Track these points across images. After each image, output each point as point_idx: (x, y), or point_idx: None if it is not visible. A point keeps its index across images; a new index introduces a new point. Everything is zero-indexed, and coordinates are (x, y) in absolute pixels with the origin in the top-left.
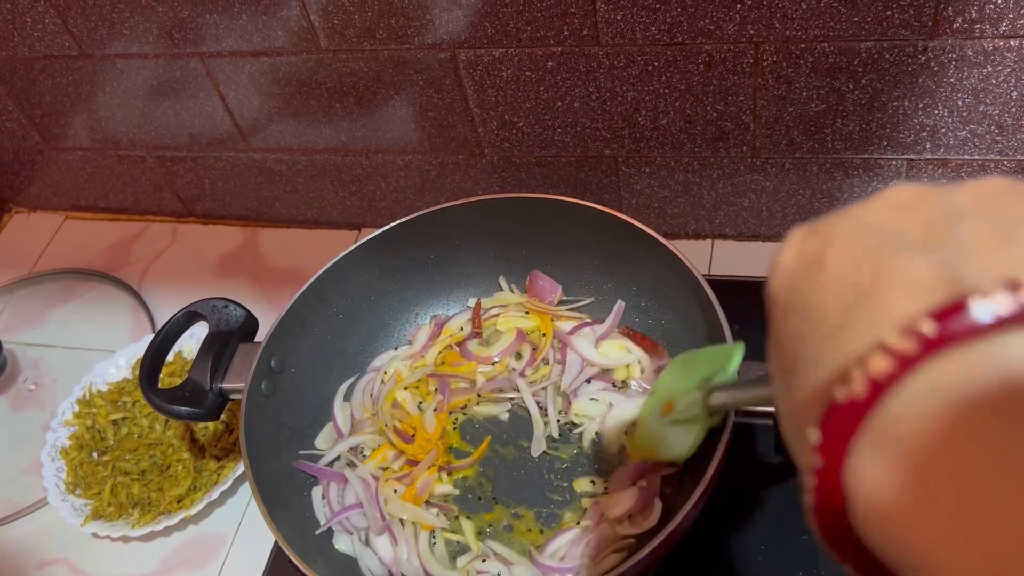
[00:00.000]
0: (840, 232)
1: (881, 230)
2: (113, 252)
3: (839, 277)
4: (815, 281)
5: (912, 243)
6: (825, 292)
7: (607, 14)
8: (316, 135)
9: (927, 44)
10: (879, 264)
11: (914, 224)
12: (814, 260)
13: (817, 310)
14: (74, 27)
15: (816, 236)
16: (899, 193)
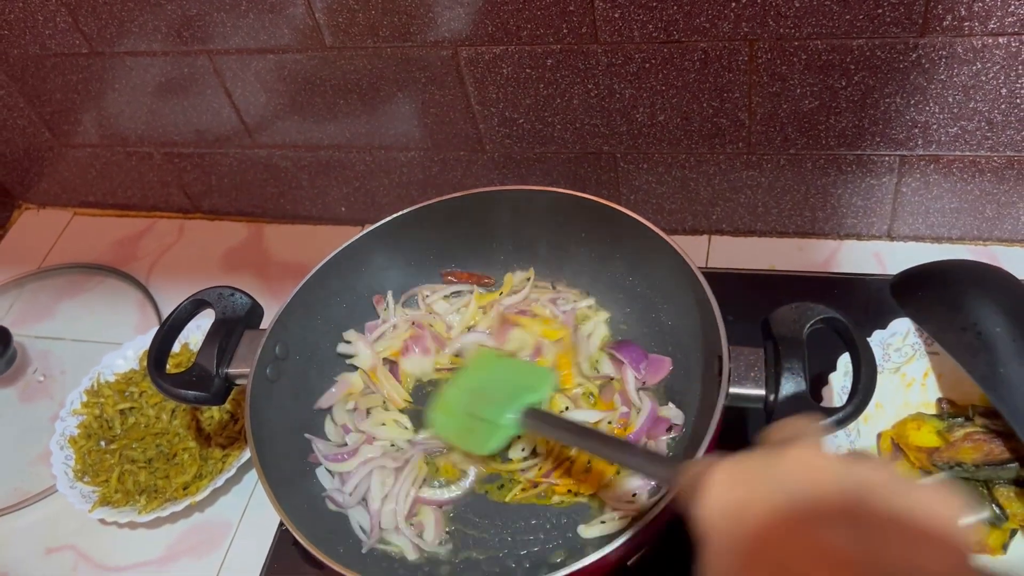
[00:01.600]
0: (761, 490)
1: (795, 492)
2: (121, 247)
3: (766, 551)
4: (744, 538)
5: (823, 513)
6: (756, 566)
7: (605, 12)
8: (320, 132)
9: (918, 42)
10: (801, 543)
11: (820, 489)
12: (740, 514)
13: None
14: (85, 25)
15: (738, 485)
16: (804, 455)
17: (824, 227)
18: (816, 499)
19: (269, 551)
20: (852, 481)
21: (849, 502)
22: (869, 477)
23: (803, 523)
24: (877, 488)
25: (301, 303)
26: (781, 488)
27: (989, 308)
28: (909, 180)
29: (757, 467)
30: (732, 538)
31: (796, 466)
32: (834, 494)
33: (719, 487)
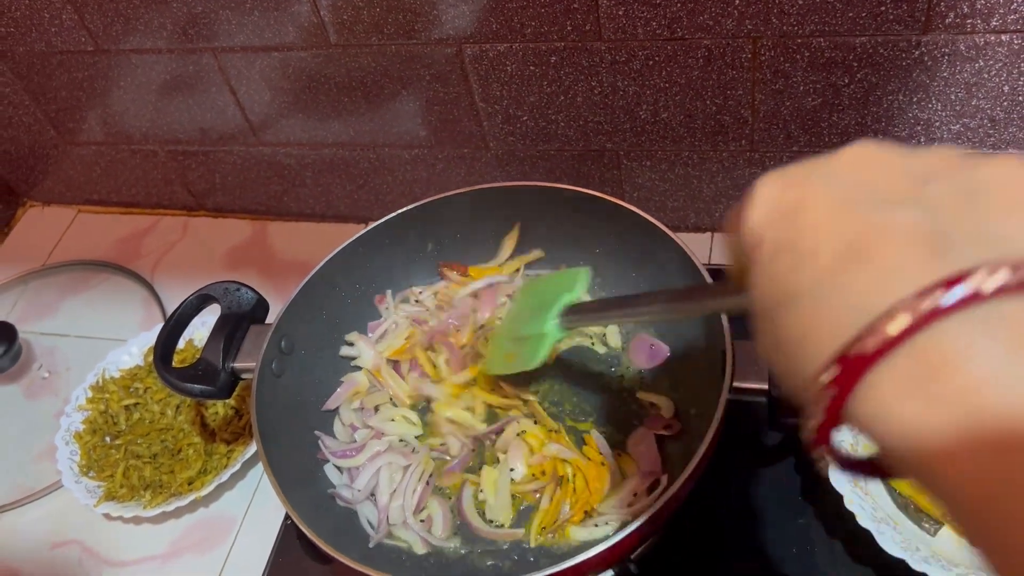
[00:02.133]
0: (817, 183)
1: (856, 184)
2: (125, 245)
3: (827, 224)
4: (802, 226)
5: (887, 198)
6: (815, 236)
7: (609, 9)
8: (325, 130)
9: (920, 39)
10: (865, 215)
11: (884, 181)
12: (796, 207)
13: (809, 252)
14: (90, 23)
15: (791, 186)
16: (862, 150)
17: None
18: (879, 186)
19: (274, 546)
20: (918, 164)
21: (916, 184)
22: (935, 159)
23: (868, 209)
24: (945, 167)
25: (306, 298)
26: (839, 182)
27: None
28: None
29: (810, 168)
30: (786, 233)
31: (854, 161)
32: (898, 178)
33: (768, 191)
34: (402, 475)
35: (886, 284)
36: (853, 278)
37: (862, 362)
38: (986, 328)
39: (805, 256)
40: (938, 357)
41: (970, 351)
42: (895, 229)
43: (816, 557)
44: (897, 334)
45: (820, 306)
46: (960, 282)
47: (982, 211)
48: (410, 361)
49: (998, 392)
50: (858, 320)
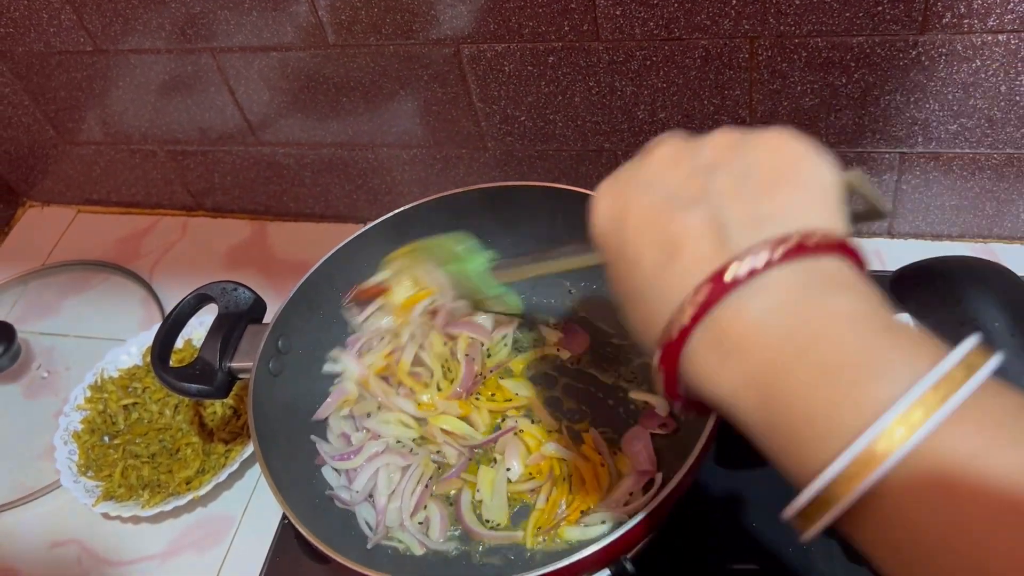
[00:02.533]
0: (634, 196)
1: (660, 189)
2: (125, 245)
3: (643, 232)
4: (626, 235)
5: (683, 199)
6: (637, 243)
7: (606, 10)
8: (323, 129)
9: (917, 39)
10: (667, 221)
11: (680, 180)
12: (621, 219)
13: (634, 258)
14: (89, 23)
15: (618, 199)
16: (663, 149)
17: None
18: (678, 186)
19: (271, 545)
20: (705, 155)
21: (704, 178)
22: (716, 147)
23: (670, 213)
24: (723, 155)
25: (304, 298)
26: (649, 189)
27: (988, 303)
28: (909, 177)
29: (627, 177)
30: (617, 241)
31: (659, 162)
32: (691, 175)
33: (602, 206)
34: (400, 476)
35: (684, 280)
36: (666, 278)
37: (673, 344)
38: (752, 297)
39: (632, 264)
40: (718, 329)
41: (739, 319)
42: (689, 230)
43: (812, 556)
44: (688, 321)
45: (648, 303)
46: (725, 271)
47: (752, 194)
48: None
49: (760, 339)
50: (669, 311)
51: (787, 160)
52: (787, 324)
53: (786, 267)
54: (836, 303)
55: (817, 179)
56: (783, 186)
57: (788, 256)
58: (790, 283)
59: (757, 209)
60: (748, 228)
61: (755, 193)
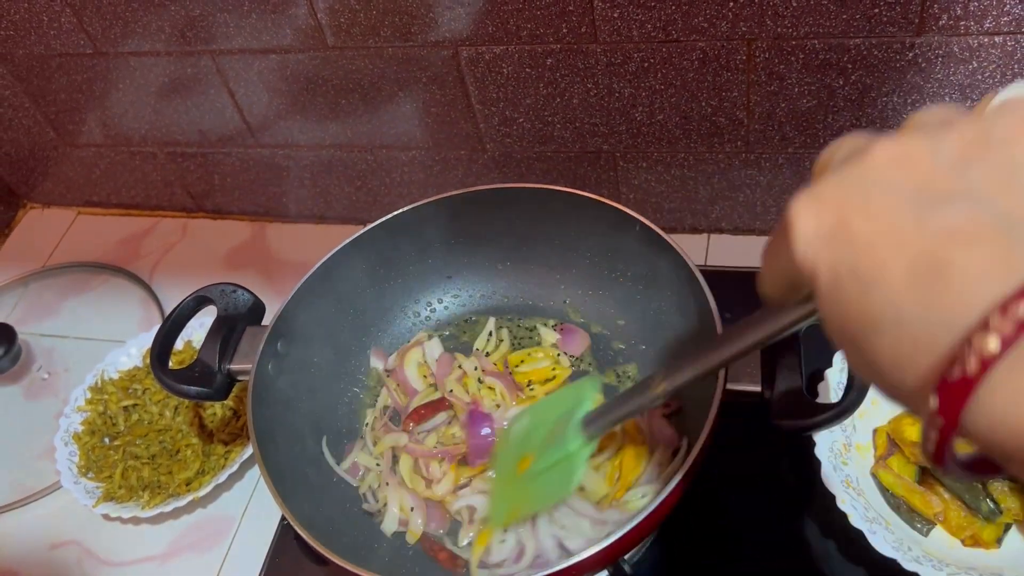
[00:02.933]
0: (854, 199)
1: (894, 188)
2: (125, 246)
3: (882, 239)
4: (855, 247)
5: (932, 196)
6: (874, 255)
7: (604, 12)
8: (322, 131)
9: (914, 41)
10: (917, 221)
11: (921, 178)
12: (842, 227)
13: (875, 273)
14: (89, 25)
15: (827, 209)
16: (887, 149)
17: None
18: (920, 185)
19: (271, 546)
20: (945, 149)
21: (955, 173)
22: (958, 138)
23: (920, 214)
24: (973, 144)
25: (303, 300)
26: (878, 190)
27: None
28: None
29: (840, 181)
30: (840, 259)
31: (881, 163)
32: (935, 171)
33: (805, 221)
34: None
35: (970, 295)
36: (933, 295)
37: (966, 384)
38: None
39: (873, 279)
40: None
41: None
42: (957, 231)
43: (809, 557)
44: (996, 350)
45: (908, 329)
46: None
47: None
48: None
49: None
50: (951, 338)
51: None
52: None
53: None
54: None
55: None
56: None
57: None
58: None
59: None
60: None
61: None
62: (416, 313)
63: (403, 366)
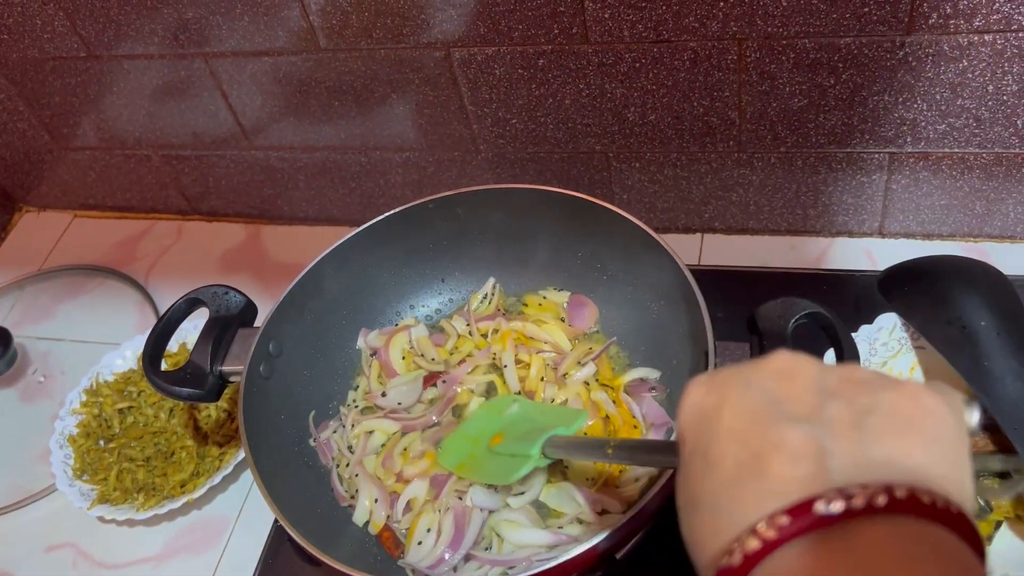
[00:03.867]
0: (734, 392)
1: (766, 395)
2: (120, 249)
3: (733, 434)
4: (714, 433)
5: (790, 412)
6: (722, 444)
7: (595, 12)
8: (316, 133)
9: (904, 40)
10: (764, 429)
11: (792, 394)
12: (713, 413)
13: (716, 460)
14: (82, 29)
15: (714, 391)
16: (783, 362)
17: (816, 224)
18: (789, 400)
19: (264, 547)
20: (830, 380)
21: (820, 400)
22: (848, 376)
23: (771, 423)
24: (854, 386)
25: (295, 301)
26: (754, 393)
27: (973, 302)
28: (899, 177)
29: (733, 374)
30: (701, 437)
31: (771, 371)
32: (808, 393)
33: (695, 395)
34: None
35: (765, 499)
36: (744, 492)
37: (733, 572)
38: (838, 546)
39: (713, 463)
40: (790, 570)
41: (818, 567)
42: (786, 446)
43: None
44: (756, 548)
45: (715, 516)
46: (815, 502)
47: (870, 433)
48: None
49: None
50: (735, 533)
51: (924, 412)
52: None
53: (888, 521)
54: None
55: (954, 442)
56: (909, 436)
57: (894, 508)
58: (891, 543)
59: (870, 450)
60: (852, 466)
61: (874, 433)
62: (410, 316)
63: (388, 348)
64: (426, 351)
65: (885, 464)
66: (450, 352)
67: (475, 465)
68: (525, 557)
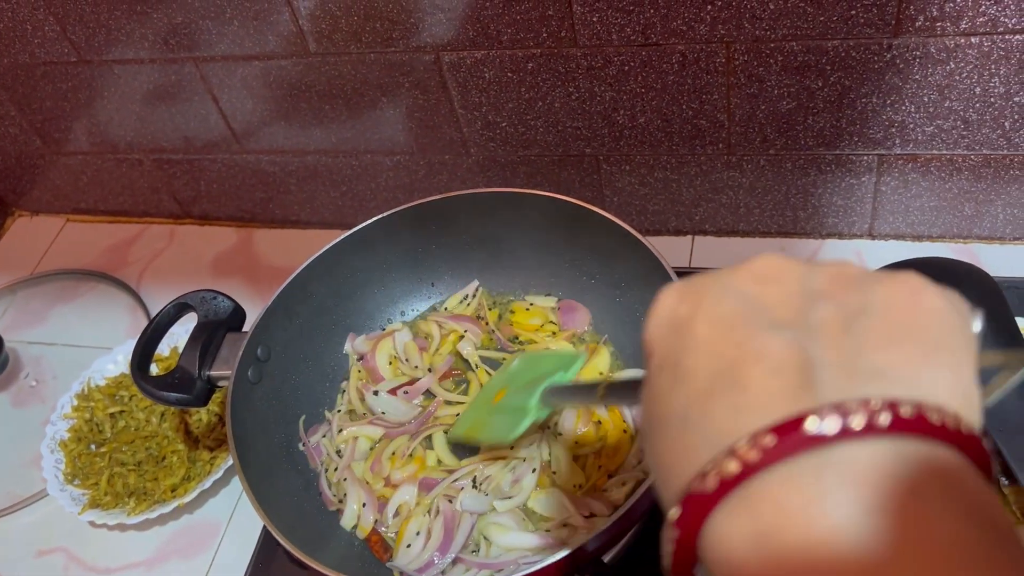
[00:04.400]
0: (709, 298)
1: (746, 300)
2: (112, 253)
3: (707, 344)
4: (686, 343)
5: (771, 318)
6: (695, 356)
7: (583, 16)
8: (307, 137)
9: (891, 42)
10: (742, 338)
11: (774, 298)
12: (686, 322)
13: (687, 372)
14: (72, 34)
15: (687, 298)
16: (765, 264)
17: (806, 226)
18: (770, 304)
19: (254, 552)
20: (817, 280)
21: (806, 303)
22: (834, 275)
23: (749, 330)
24: (840, 285)
25: (283, 306)
26: (733, 298)
27: None
28: (888, 179)
29: (710, 279)
30: (675, 344)
31: (755, 274)
32: (792, 296)
33: (666, 303)
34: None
35: (743, 416)
36: (718, 408)
37: (704, 498)
38: (830, 471)
39: (683, 376)
40: (771, 499)
41: (803, 496)
42: (766, 356)
43: None
44: (735, 472)
45: (686, 434)
46: (803, 420)
47: (862, 338)
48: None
49: (827, 541)
50: (711, 454)
51: (925, 312)
52: (875, 531)
53: (889, 443)
54: (955, 525)
55: (960, 348)
56: (907, 341)
57: (898, 428)
58: (895, 472)
59: (862, 358)
60: (843, 378)
61: (867, 338)
62: (400, 321)
63: (375, 353)
64: (411, 357)
65: (881, 375)
66: (432, 356)
67: (480, 425)
68: (512, 560)
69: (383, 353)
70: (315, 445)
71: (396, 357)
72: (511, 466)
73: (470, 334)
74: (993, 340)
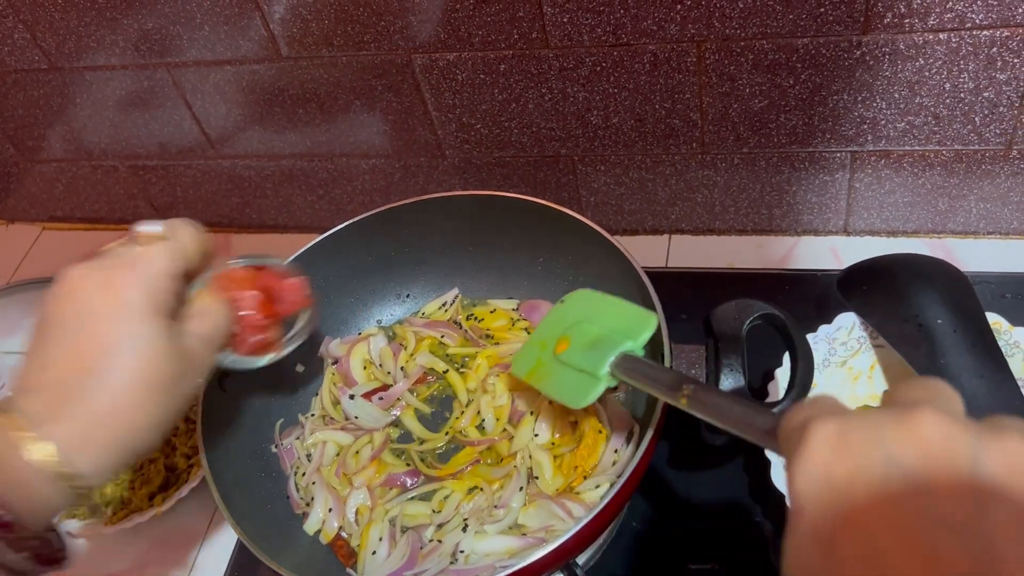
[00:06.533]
0: (870, 468)
1: (911, 482)
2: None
3: (868, 533)
4: (842, 523)
5: (941, 514)
6: (852, 543)
7: (554, 17)
8: (282, 141)
9: (861, 39)
10: (911, 535)
11: (944, 484)
12: (844, 490)
13: (842, 560)
14: (43, 41)
15: (843, 457)
16: (931, 431)
17: (781, 224)
18: (935, 486)
19: (230, 560)
20: (986, 468)
21: (974, 497)
22: (1009, 462)
23: (914, 514)
24: (1016, 473)
25: None
26: (895, 463)
27: (930, 300)
28: (862, 176)
29: (870, 432)
30: (829, 516)
31: (916, 443)
32: (960, 483)
33: (821, 452)
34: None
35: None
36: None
37: None
38: None
39: (838, 563)
40: None
41: None
42: (937, 563)
43: (766, 556)
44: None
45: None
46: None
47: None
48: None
49: None
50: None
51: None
52: None
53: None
54: None
55: None
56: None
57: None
58: None
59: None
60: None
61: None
62: (375, 325)
63: (349, 357)
64: (385, 362)
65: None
66: (405, 362)
67: (544, 374)
68: (488, 565)
69: (357, 358)
70: (288, 447)
71: (371, 362)
72: (491, 491)
73: (447, 339)
74: (962, 336)
